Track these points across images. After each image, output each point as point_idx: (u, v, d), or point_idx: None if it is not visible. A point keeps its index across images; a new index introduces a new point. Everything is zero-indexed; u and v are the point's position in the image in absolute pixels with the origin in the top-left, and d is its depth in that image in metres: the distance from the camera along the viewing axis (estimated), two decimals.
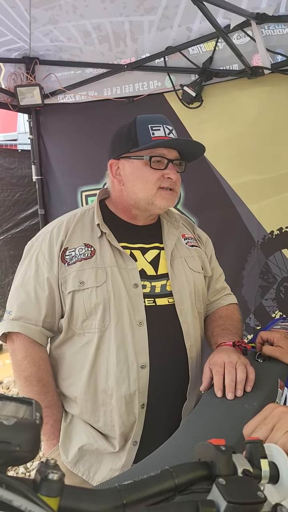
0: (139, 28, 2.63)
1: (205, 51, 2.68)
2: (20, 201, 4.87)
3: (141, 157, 1.45)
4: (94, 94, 3.12)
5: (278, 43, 2.48)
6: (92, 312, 1.40)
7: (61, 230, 1.49)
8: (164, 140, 1.43)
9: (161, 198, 1.46)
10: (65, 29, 2.69)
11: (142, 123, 1.47)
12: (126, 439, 1.42)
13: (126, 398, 1.39)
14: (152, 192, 1.45)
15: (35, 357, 1.45)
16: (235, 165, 2.84)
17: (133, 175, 1.47)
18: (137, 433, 1.41)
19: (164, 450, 0.99)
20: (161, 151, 1.44)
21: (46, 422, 1.47)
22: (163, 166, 1.45)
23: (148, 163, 1.44)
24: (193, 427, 1.12)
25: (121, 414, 1.39)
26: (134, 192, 1.48)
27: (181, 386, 1.49)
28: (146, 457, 0.98)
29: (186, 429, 1.11)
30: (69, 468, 1.44)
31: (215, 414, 1.18)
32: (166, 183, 1.45)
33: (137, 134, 1.45)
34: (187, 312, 1.51)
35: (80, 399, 1.44)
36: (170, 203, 1.49)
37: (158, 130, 1.45)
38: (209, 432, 1.08)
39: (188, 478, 0.58)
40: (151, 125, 1.45)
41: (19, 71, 3.16)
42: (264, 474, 0.63)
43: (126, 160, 1.49)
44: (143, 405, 1.40)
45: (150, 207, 1.48)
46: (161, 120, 1.49)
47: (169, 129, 1.47)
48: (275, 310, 2.90)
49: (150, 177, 1.45)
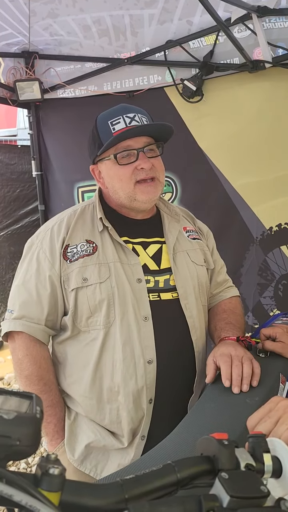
0: (139, 22, 2.61)
1: (206, 45, 2.67)
2: (20, 197, 4.86)
3: (108, 157, 1.43)
4: (94, 88, 3.10)
5: (279, 37, 2.47)
6: (97, 309, 1.39)
7: (62, 227, 1.47)
8: (121, 133, 1.39)
9: (140, 192, 1.43)
10: (64, 23, 2.67)
11: (101, 121, 1.44)
12: (134, 434, 1.41)
13: (134, 394, 1.38)
14: (129, 189, 1.43)
15: (36, 356, 1.43)
16: (235, 160, 2.83)
17: (109, 177, 1.46)
18: (145, 428, 1.40)
19: (166, 444, 0.99)
20: (125, 144, 1.40)
21: (49, 421, 1.45)
22: (133, 158, 1.41)
23: (116, 161, 1.41)
24: (195, 421, 1.12)
25: (129, 410, 1.38)
26: (115, 192, 1.47)
27: (188, 380, 1.48)
28: (148, 452, 0.98)
29: (188, 424, 1.11)
30: (76, 466, 1.42)
31: (217, 408, 1.18)
32: (141, 174, 1.42)
33: (99, 134, 1.43)
34: (192, 306, 1.50)
35: (84, 397, 1.43)
36: (151, 195, 1.45)
37: (117, 123, 1.41)
38: (211, 426, 1.08)
39: (191, 472, 0.57)
40: (111, 120, 1.42)
41: (19, 65, 3.13)
42: (267, 469, 0.63)
43: (100, 163, 1.48)
44: (151, 400, 1.40)
45: (134, 204, 1.46)
46: (120, 111, 1.44)
47: (130, 117, 1.42)
48: (273, 308, 2.88)
49: (122, 174, 1.42)
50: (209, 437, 0.61)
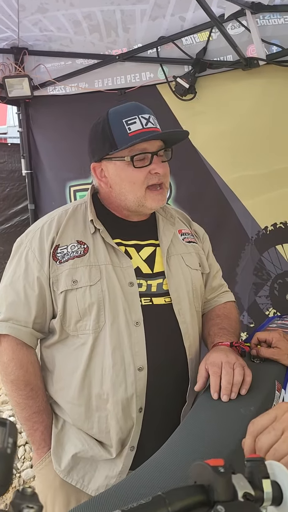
0: (131, 18, 2.56)
1: (199, 42, 2.64)
2: (10, 196, 4.79)
3: (122, 158, 1.37)
4: (85, 86, 3.05)
5: (274, 34, 2.44)
6: (86, 313, 1.34)
7: (52, 226, 1.42)
8: (140, 134, 1.34)
9: (151, 200, 1.40)
10: (54, 18, 2.61)
11: (115, 118, 1.38)
12: (123, 444, 1.36)
13: (123, 402, 1.33)
14: (140, 194, 1.39)
15: (22, 360, 1.39)
16: (229, 159, 2.79)
17: (119, 177, 1.40)
18: (135, 438, 1.35)
19: (155, 462, 0.93)
20: (141, 146, 1.36)
21: (36, 428, 1.41)
22: (147, 161, 1.37)
23: (131, 163, 1.36)
24: (186, 435, 1.06)
25: (118, 419, 1.33)
26: (122, 194, 1.41)
27: (180, 388, 1.43)
28: (136, 470, 0.92)
29: (179, 438, 1.05)
30: (62, 477, 1.37)
31: (210, 420, 1.13)
32: (154, 179, 1.38)
33: (113, 133, 1.37)
34: (185, 311, 1.45)
35: (72, 404, 1.38)
36: (160, 203, 1.43)
37: (134, 123, 1.36)
38: (203, 440, 1.02)
39: (183, 504, 0.52)
40: (126, 119, 1.36)
41: (8, 61, 3.06)
42: (266, 496, 0.58)
43: (108, 162, 1.41)
44: (140, 408, 1.35)
45: (140, 209, 1.42)
46: (135, 110, 1.39)
47: (145, 118, 1.37)
48: (269, 307, 2.86)
49: (136, 177, 1.37)
50: (204, 463, 0.56)
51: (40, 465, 1.41)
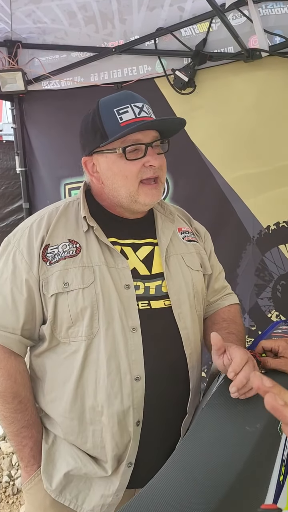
0: (127, 8, 2.48)
1: (198, 33, 2.54)
2: (5, 195, 4.71)
3: (113, 150, 1.28)
4: (80, 79, 2.95)
5: (277, 24, 2.35)
6: (79, 318, 1.25)
7: (41, 224, 1.33)
8: (132, 124, 1.25)
9: (144, 194, 1.31)
10: (48, 9, 2.52)
11: (106, 108, 1.29)
12: (120, 460, 1.27)
13: (119, 415, 1.24)
14: (133, 188, 1.30)
15: (10, 369, 1.30)
16: (229, 156, 2.70)
17: (111, 171, 1.31)
18: (132, 454, 1.26)
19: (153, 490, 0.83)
20: (134, 137, 1.27)
21: (25, 444, 1.31)
22: (141, 153, 1.28)
23: (123, 156, 1.27)
24: (187, 456, 0.97)
25: (113, 434, 1.24)
26: (115, 190, 1.32)
27: (181, 399, 1.34)
28: (134, 497, 0.83)
29: (180, 459, 0.96)
30: (54, 497, 1.28)
31: (212, 438, 1.03)
32: (148, 172, 1.29)
33: (103, 123, 1.28)
34: (185, 316, 1.35)
35: (64, 417, 1.29)
36: (155, 199, 1.34)
37: (125, 112, 1.26)
38: (206, 462, 0.93)
39: None
40: (117, 108, 1.27)
41: (1, 55, 2.98)
42: None
43: (99, 155, 1.32)
44: (138, 422, 1.25)
45: (133, 205, 1.33)
46: (127, 99, 1.30)
47: (138, 107, 1.28)
48: (271, 309, 2.77)
49: (128, 171, 1.28)
50: None
51: (29, 484, 1.31)
